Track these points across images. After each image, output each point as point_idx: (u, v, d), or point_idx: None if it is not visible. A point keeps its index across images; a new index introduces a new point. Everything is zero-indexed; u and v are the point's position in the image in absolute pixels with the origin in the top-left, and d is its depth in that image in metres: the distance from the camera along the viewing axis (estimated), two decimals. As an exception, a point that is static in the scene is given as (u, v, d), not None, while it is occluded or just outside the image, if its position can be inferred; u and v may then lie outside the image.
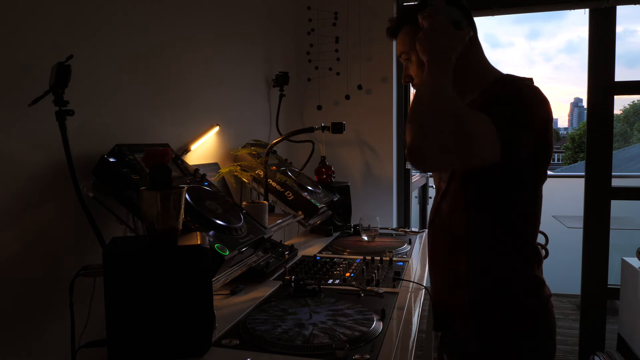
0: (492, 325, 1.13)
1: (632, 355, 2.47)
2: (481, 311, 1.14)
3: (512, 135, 1.00)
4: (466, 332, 1.16)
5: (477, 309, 1.15)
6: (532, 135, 1.04)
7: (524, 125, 1.02)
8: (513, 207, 1.12)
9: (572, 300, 4.41)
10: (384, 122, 2.74)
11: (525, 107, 1.04)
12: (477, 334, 1.15)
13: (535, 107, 1.05)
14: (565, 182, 6.15)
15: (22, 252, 1.06)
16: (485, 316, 1.14)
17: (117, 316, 0.94)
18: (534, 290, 1.14)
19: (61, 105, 1.03)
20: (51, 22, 1.13)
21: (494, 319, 1.13)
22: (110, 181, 1.21)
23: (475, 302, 1.15)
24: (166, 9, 1.58)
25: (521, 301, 1.12)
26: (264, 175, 1.93)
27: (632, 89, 2.68)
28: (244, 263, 1.36)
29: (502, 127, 0.98)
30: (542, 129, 1.05)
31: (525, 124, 1.02)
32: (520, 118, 1.02)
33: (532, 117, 1.04)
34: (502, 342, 1.12)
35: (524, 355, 1.12)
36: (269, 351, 1.02)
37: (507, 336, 1.12)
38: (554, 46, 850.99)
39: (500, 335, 1.13)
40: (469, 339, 1.16)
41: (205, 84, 1.84)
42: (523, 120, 1.02)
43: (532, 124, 1.03)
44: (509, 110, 1.02)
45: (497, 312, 1.13)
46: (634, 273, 2.49)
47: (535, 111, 1.04)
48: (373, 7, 2.64)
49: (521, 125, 1.02)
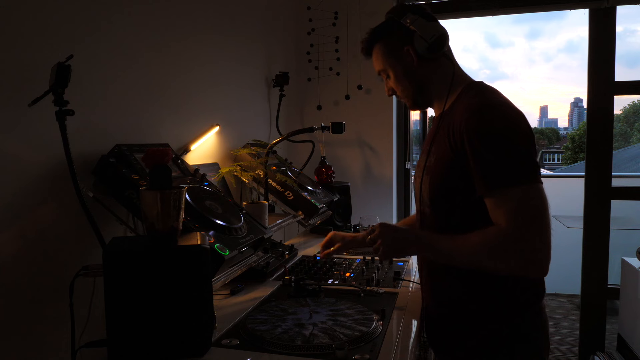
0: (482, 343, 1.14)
1: (632, 355, 2.47)
2: (471, 332, 1.15)
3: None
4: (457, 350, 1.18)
5: (467, 332, 1.16)
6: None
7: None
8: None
9: (572, 300, 4.40)
10: (384, 122, 2.74)
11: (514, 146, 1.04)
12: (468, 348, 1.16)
13: (518, 137, 1.04)
14: (565, 182, 6.15)
15: (22, 252, 1.06)
16: (474, 337, 1.15)
17: (117, 316, 0.94)
18: (525, 303, 1.14)
19: (61, 105, 1.02)
20: (51, 22, 1.13)
21: (485, 340, 1.14)
22: (110, 181, 1.21)
23: (465, 324, 1.16)
24: (166, 9, 1.58)
25: (512, 317, 1.13)
26: (264, 175, 1.93)
27: (632, 89, 2.68)
28: (244, 263, 1.36)
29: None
30: (530, 149, 1.06)
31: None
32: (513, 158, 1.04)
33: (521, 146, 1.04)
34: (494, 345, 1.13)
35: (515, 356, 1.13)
36: (269, 351, 1.02)
37: (498, 342, 1.13)
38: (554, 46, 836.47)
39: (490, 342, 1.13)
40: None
41: (206, 84, 1.84)
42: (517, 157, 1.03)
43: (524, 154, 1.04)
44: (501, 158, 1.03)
45: (486, 332, 1.13)
46: (634, 273, 2.49)
47: (522, 142, 1.04)
48: (373, 7, 2.63)
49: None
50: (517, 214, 1.00)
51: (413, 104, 1.27)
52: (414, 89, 1.23)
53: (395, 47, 1.20)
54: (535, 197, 1.01)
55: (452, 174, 1.11)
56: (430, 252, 1.15)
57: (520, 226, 0.99)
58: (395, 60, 1.21)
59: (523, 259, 1.00)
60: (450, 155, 1.10)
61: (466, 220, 1.11)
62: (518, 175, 1.01)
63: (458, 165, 1.08)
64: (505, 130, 1.03)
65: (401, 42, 1.19)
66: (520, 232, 0.99)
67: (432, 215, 1.20)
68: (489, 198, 1.04)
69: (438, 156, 1.15)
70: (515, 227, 1.00)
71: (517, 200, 1.00)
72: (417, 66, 1.19)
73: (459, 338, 1.17)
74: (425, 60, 1.18)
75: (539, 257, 0.99)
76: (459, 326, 1.17)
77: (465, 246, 1.06)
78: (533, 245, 0.99)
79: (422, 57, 1.17)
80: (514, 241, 1.00)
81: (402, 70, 1.21)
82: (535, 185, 1.01)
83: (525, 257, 1.00)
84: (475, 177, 1.05)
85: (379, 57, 1.25)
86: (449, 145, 1.10)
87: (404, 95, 1.26)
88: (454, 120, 1.10)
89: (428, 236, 1.16)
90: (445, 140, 1.12)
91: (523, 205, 1.00)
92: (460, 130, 1.06)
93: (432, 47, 1.15)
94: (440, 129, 1.17)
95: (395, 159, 2.80)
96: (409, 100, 1.26)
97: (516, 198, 1.00)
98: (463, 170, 1.07)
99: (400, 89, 1.25)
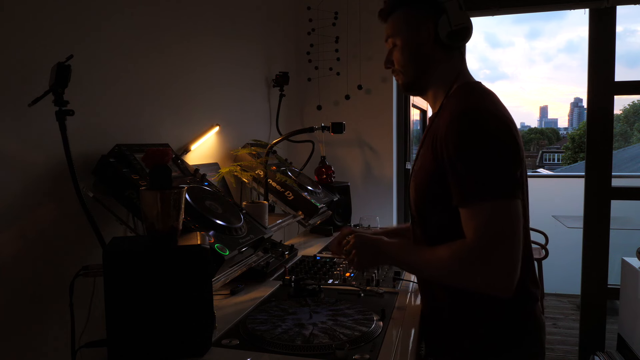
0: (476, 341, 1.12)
1: (632, 355, 2.47)
2: (466, 331, 1.13)
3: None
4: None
5: (461, 330, 1.14)
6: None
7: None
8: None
9: (572, 300, 4.40)
10: (384, 122, 2.74)
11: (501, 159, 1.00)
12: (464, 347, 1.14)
13: (504, 146, 1.00)
14: (565, 182, 6.15)
15: (22, 252, 1.06)
16: (469, 335, 1.13)
17: (117, 316, 0.94)
18: (520, 306, 1.11)
19: (61, 105, 1.02)
20: (51, 22, 1.13)
21: (479, 338, 1.12)
22: (110, 181, 1.21)
23: (459, 324, 1.14)
24: (166, 9, 1.58)
25: (507, 317, 1.11)
26: (264, 175, 1.93)
27: (632, 89, 2.68)
28: (244, 263, 1.36)
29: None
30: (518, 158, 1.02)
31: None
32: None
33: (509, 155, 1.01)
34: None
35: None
36: (269, 351, 1.02)
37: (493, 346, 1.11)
38: (554, 46, 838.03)
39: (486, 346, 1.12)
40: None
41: (206, 84, 1.84)
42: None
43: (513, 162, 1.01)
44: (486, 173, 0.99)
45: (481, 331, 1.12)
46: (634, 273, 2.49)
47: (508, 150, 1.00)
48: (373, 7, 2.63)
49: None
50: (486, 228, 0.97)
51: (406, 84, 1.20)
52: (415, 69, 1.17)
53: (416, 19, 1.13)
54: (507, 214, 0.96)
55: (434, 181, 1.08)
56: (400, 265, 1.15)
57: (486, 241, 0.96)
58: (411, 32, 1.14)
59: (486, 275, 0.97)
60: (432, 163, 1.07)
61: (449, 227, 1.07)
62: (493, 189, 0.97)
63: (439, 173, 1.05)
64: (485, 142, 0.99)
65: (425, 16, 1.12)
66: (484, 248, 0.96)
67: (418, 220, 1.18)
68: (462, 209, 1.01)
69: (422, 162, 1.13)
70: (480, 242, 0.97)
71: (488, 215, 0.97)
72: (430, 48, 1.13)
73: (455, 340, 1.15)
74: (439, 45, 1.12)
75: (503, 275, 0.96)
76: (453, 328, 1.15)
77: (433, 260, 1.05)
78: (497, 262, 0.96)
79: (438, 42, 1.12)
80: (478, 256, 0.97)
81: (413, 44, 1.15)
82: (509, 201, 0.97)
83: (488, 273, 0.97)
84: (452, 187, 1.02)
85: (395, 22, 1.17)
86: (432, 152, 1.07)
87: (402, 71, 1.18)
88: (439, 126, 1.07)
89: (397, 249, 1.14)
90: (429, 147, 1.09)
91: (493, 220, 0.96)
92: (441, 138, 1.03)
93: (453, 35, 1.10)
94: (428, 134, 1.14)
95: (395, 159, 2.80)
96: (405, 78, 1.19)
97: (487, 213, 0.97)
98: (444, 178, 1.04)
99: (402, 63, 1.17)
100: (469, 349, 1.12)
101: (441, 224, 1.11)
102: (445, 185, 1.04)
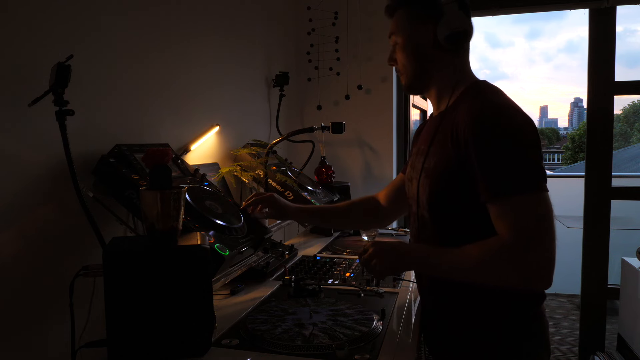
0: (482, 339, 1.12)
1: (632, 355, 2.47)
2: (470, 332, 1.13)
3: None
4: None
5: (468, 333, 1.14)
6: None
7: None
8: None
9: (572, 300, 4.40)
10: (384, 122, 2.74)
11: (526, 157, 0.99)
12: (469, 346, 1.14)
13: (528, 145, 1.00)
14: (565, 182, 6.14)
15: (22, 252, 1.06)
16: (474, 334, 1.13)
17: (117, 316, 0.94)
18: (524, 306, 1.11)
19: (61, 105, 1.02)
20: (51, 22, 1.13)
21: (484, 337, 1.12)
22: (110, 181, 1.21)
23: (466, 329, 1.14)
24: (166, 9, 1.58)
25: (512, 320, 1.10)
26: (264, 175, 1.93)
27: (632, 89, 2.68)
28: (244, 263, 1.36)
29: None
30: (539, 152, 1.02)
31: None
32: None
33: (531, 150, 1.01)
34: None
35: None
36: (269, 351, 1.01)
37: (499, 343, 1.11)
38: (554, 46, 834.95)
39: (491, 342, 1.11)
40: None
41: (206, 84, 1.84)
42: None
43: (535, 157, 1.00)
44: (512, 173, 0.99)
45: (485, 331, 1.11)
46: (634, 273, 2.49)
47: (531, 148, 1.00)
48: (373, 7, 2.63)
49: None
50: (521, 224, 0.95)
51: (408, 84, 1.21)
52: (416, 69, 1.17)
53: (417, 19, 1.15)
54: (541, 206, 0.96)
55: (454, 178, 1.06)
56: (429, 269, 1.10)
57: (524, 238, 0.94)
58: (412, 32, 1.15)
59: (526, 272, 0.95)
60: (452, 159, 1.05)
61: (468, 226, 1.07)
62: (523, 183, 0.96)
63: (461, 169, 1.04)
64: (513, 136, 0.99)
65: (425, 17, 1.13)
66: (523, 244, 0.94)
67: (431, 220, 1.14)
68: (492, 205, 0.99)
69: (438, 158, 1.10)
70: (518, 239, 0.94)
71: (522, 210, 0.95)
72: (430, 49, 1.14)
73: (456, 340, 1.16)
74: (440, 47, 1.13)
75: (543, 270, 0.95)
76: (456, 328, 1.15)
77: (465, 260, 1.01)
78: (536, 257, 0.94)
79: (437, 43, 1.12)
80: (517, 253, 0.95)
81: (414, 44, 1.16)
82: (541, 194, 0.96)
83: (529, 270, 0.95)
84: (479, 182, 1.00)
85: (398, 20, 1.18)
86: (451, 148, 1.06)
87: (403, 70, 1.20)
88: (457, 122, 1.05)
89: (425, 252, 1.11)
90: (447, 142, 1.07)
91: (527, 215, 0.95)
92: (465, 133, 1.02)
93: (451, 38, 1.10)
94: (441, 130, 1.12)
95: (395, 159, 2.80)
96: (406, 78, 1.20)
97: (520, 207, 0.95)
98: (466, 175, 1.02)
99: (403, 63, 1.18)
100: (471, 351, 1.12)
101: (458, 223, 1.09)
102: (468, 181, 1.03)
